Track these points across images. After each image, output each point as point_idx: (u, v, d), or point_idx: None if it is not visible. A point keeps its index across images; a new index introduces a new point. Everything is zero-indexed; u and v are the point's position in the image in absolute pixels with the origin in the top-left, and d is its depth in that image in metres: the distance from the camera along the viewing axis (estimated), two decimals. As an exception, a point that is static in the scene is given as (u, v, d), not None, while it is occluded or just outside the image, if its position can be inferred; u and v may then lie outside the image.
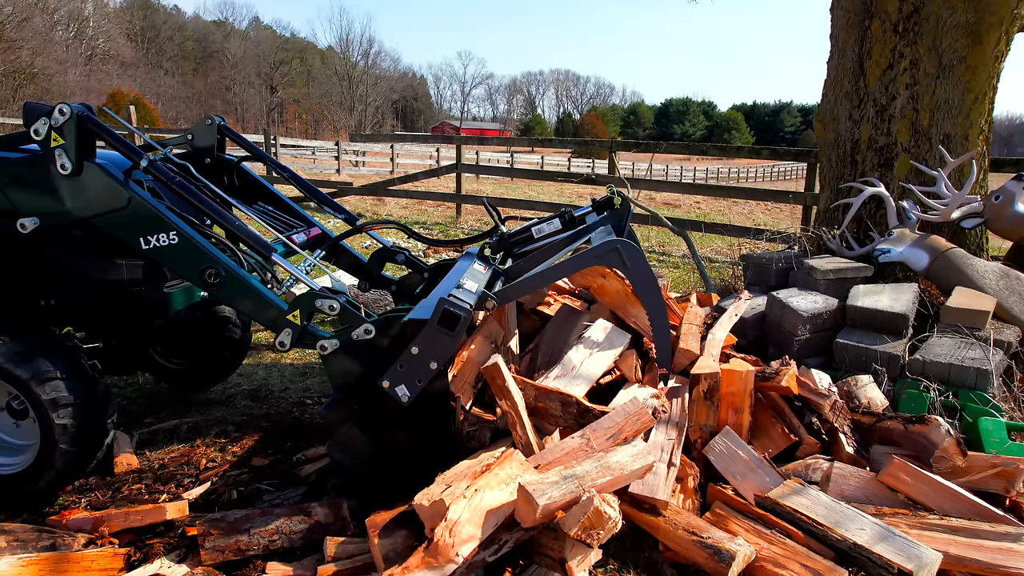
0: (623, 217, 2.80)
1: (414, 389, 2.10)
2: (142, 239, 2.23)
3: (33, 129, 2.17)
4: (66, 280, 2.59)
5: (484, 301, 2.26)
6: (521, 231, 2.88)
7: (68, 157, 2.17)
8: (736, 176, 44.85)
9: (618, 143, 9.64)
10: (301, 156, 22.27)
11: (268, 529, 2.05)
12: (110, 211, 2.24)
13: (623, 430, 2.10)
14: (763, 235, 7.24)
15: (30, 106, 2.72)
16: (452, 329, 2.03)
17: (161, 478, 2.78)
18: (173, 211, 2.28)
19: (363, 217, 11.08)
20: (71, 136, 2.16)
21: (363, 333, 2.18)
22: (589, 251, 2.40)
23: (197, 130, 3.08)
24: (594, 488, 1.74)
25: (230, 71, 65.20)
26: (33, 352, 2.28)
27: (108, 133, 2.21)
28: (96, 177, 2.21)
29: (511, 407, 2.05)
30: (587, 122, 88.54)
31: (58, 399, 2.26)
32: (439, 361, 2.07)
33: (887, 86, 4.25)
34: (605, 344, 2.65)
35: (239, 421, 3.33)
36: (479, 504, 1.69)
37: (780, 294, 3.63)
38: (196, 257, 2.24)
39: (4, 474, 2.38)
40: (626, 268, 2.33)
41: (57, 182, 2.21)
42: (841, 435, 2.59)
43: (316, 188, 3.17)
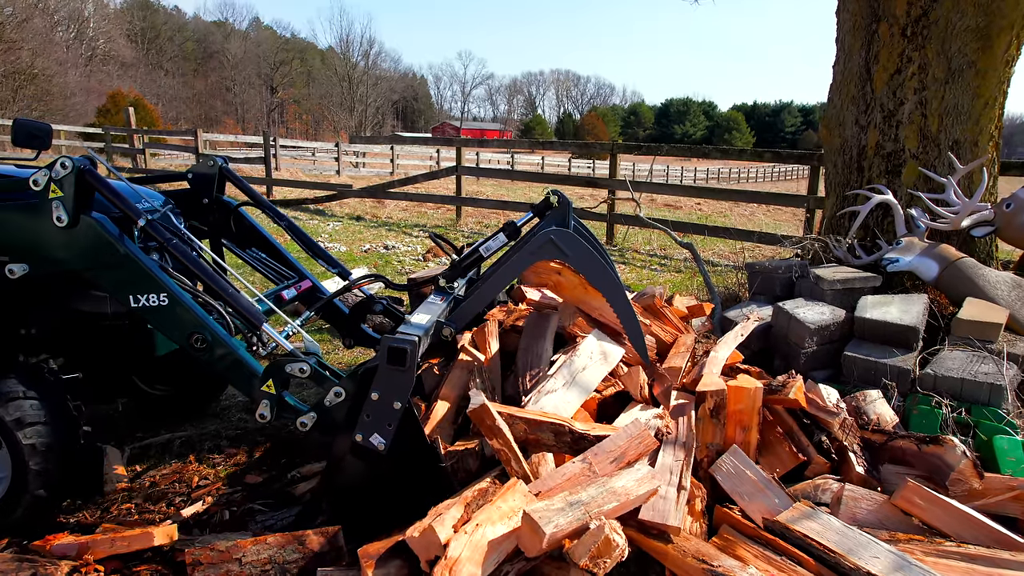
0: (564, 214, 2.79)
1: (387, 434, 2.05)
2: (132, 297, 2.19)
3: (32, 180, 2.14)
4: (48, 312, 2.55)
5: (441, 330, 2.27)
6: (469, 254, 2.85)
7: (65, 210, 2.14)
8: (737, 177, 44.79)
9: (620, 145, 9.56)
10: (301, 157, 22.22)
11: (261, 559, 1.98)
12: (102, 266, 2.21)
13: (626, 453, 2.03)
14: (769, 240, 7.19)
15: (20, 123, 2.66)
16: (403, 365, 1.99)
17: (152, 496, 2.71)
18: (165, 270, 2.24)
19: (362, 220, 11.02)
20: (70, 189, 2.12)
21: (334, 397, 2.13)
22: (526, 247, 2.42)
23: (198, 168, 3.03)
24: (601, 514, 1.67)
25: (230, 72, 65.19)
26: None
27: (107, 188, 2.17)
28: (91, 232, 2.17)
29: (503, 444, 1.98)
30: (587, 122, 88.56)
31: (22, 418, 2.20)
32: (401, 400, 2.02)
33: (895, 91, 4.17)
34: (598, 358, 2.58)
35: (233, 435, 3.26)
36: (479, 540, 1.62)
37: (787, 305, 3.55)
38: (184, 321, 2.20)
39: None
40: (565, 255, 2.37)
41: (51, 233, 2.17)
42: (851, 454, 2.51)
43: (312, 240, 3.10)
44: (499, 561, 1.63)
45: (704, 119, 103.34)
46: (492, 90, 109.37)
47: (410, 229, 10.25)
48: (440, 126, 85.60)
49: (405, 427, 2.05)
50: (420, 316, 2.30)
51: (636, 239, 9.70)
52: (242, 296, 2.24)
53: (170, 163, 18.71)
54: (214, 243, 3.06)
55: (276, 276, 3.00)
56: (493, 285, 2.43)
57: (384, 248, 8.39)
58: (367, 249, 8.31)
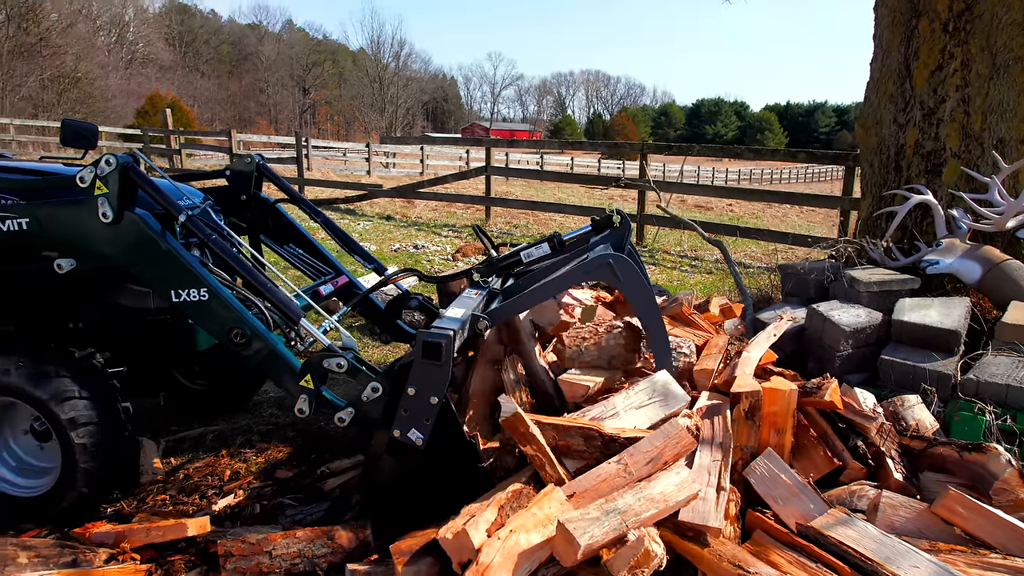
0: (623, 236, 2.75)
1: (425, 429, 2.05)
2: (173, 292, 2.23)
3: (79, 176, 2.19)
4: (94, 307, 2.60)
5: (476, 323, 2.27)
6: (510, 255, 2.84)
7: (110, 206, 2.18)
8: (768, 178, 44.12)
9: (650, 145, 9.47)
10: (332, 158, 22.50)
11: (291, 552, 2.00)
12: (145, 262, 2.25)
13: (663, 454, 2.00)
14: (802, 242, 7.06)
15: (68, 123, 2.73)
16: (438, 359, 1.99)
17: (185, 489, 2.76)
18: (205, 266, 2.27)
19: (392, 220, 11.10)
20: (115, 186, 2.17)
21: (371, 393, 2.14)
22: (582, 266, 2.41)
23: (236, 166, 3.08)
24: (639, 523, 1.65)
25: (264, 73, 66.22)
26: (51, 373, 2.28)
27: (150, 184, 2.21)
28: (135, 227, 2.21)
29: (537, 450, 1.97)
30: (617, 123, 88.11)
31: (77, 418, 2.26)
32: (437, 394, 2.03)
33: (935, 88, 4.06)
34: (658, 400, 2.41)
35: (264, 430, 3.30)
36: (512, 547, 1.61)
37: (821, 307, 3.48)
38: (224, 316, 2.22)
39: (30, 496, 2.39)
40: (619, 281, 2.35)
41: (97, 229, 2.22)
42: (889, 460, 2.45)
43: (348, 236, 3.13)
44: (532, 569, 1.61)
45: (736, 119, 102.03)
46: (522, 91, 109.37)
47: (439, 229, 10.29)
48: (470, 127, 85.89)
49: (443, 423, 2.05)
50: (455, 310, 2.30)
51: (667, 240, 9.61)
52: (280, 291, 2.26)
53: (205, 163, 19.08)
54: (252, 239, 3.10)
55: (313, 272, 3.02)
56: (540, 292, 2.42)
57: (414, 247, 8.44)
58: (397, 248, 8.36)
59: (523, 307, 2.47)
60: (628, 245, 2.79)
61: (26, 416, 2.44)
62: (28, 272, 2.39)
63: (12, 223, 2.28)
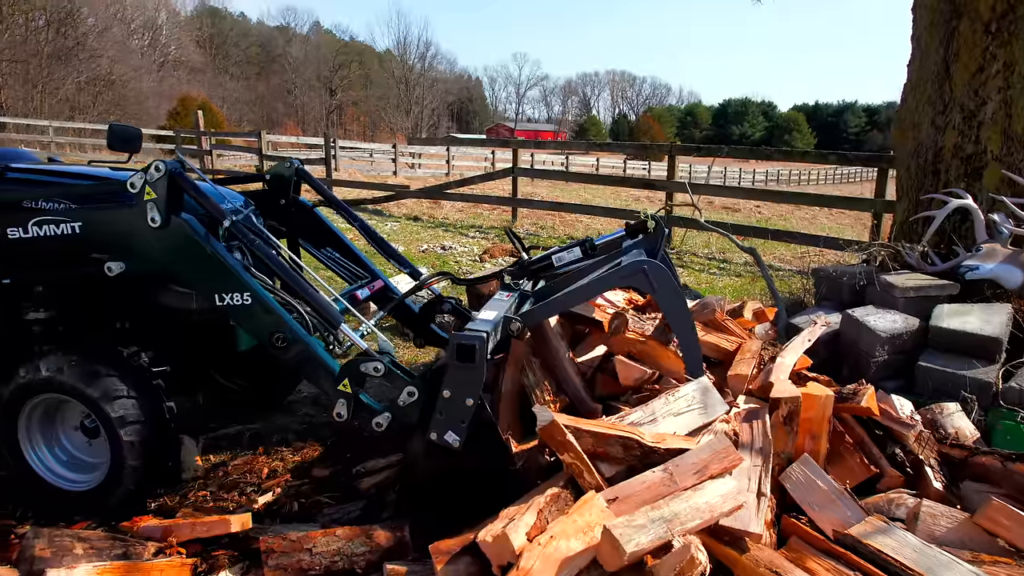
0: (657, 241, 2.74)
1: (461, 431, 2.08)
2: (217, 295, 2.28)
3: (130, 183, 2.25)
4: (141, 307, 2.68)
5: (509, 325, 2.29)
6: (541, 259, 2.86)
7: (158, 211, 2.24)
8: (797, 179, 43.55)
9: (678, 147, 9.43)
10: (359, 158, 22.72)
11: (330, 550, 2.04)
12: (191, 265, 2.31)
13: (708, 467, 1.98)
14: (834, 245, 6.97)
15: (114, 128, 2.81)
16: (472, 361, 2.02)
17: (225, 486, 2.82)
18: (248, 270, 2.33)
19: (420, 220, 11.18)
20: (163, 191, 2.23)
21: (407, 397, 2.18)
22: (616, 271, 2.41)
23: (277, 170, 3.14)
24: (684, 532, 1.65)
25: (291, 75, 67.03)
26: (102, 372, 2.35)
27: (196, 190, 2.28)
28: (181, 232, 2.27)
29: (575, 458, 1.97)
30: (643, 123, 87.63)
31: (125, 416, 2.33)
32: (472, 396, 2.05)
33: (976, 90, 4.00)
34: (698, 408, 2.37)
35: (300, 429, 3.36)
36: (553, 553, 1.62)
37: (856, 312, 3.44)
38: (266, 320, 2.27)
39: (79, 490, 2.47)
40: (653, 290, 2.33)
41: (146, 233, 2.28)
42: (928, 469, 2.42)
43: (385, 241, 3.17)
44: (573, 575, 1.63)
45: (763, 120, 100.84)
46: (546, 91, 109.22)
47: (466, 230, 10.34)
48: (494, 127, 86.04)
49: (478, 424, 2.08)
50: (488, 312, 2.33)
51: (695, 242, 9.55)
52: (321, 297, 2.31)
53: (234, 163, 19.39)
54: (290, 242, 3.16)
55: (349, 276, 3.07)
56: (574, 296, 2.43)
57: (441, 248, 8.50)
58: (425, 249, 8.43)
59: (556, 310, 2.48)
60: (662, 251, 2.78)
61: (77, 413, 2.52)
62: (80, 274, 2.46)
63: (66, 227, 2.36)
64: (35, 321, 2.63)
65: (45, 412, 2.52)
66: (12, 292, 2.55)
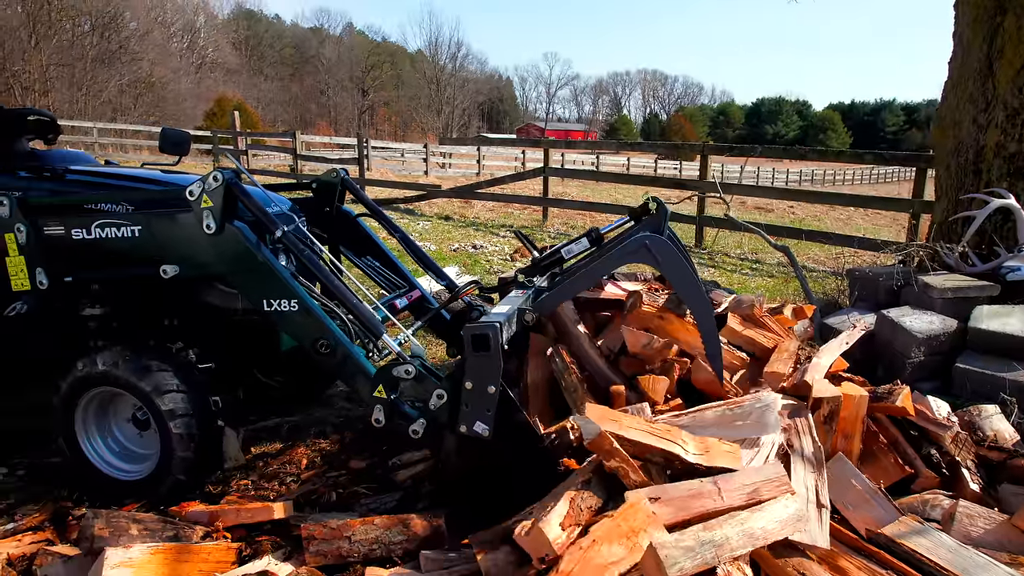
0: (661, 221, 2.79)
1: (489, 420, 2.13)
2: (265, 301, 2.36)
3: (188, 191, 2.35)
4: (190, 306, 2.79)
5: (523, 316, 2.36)
6: (551, 254, 2.89)
7: (214, 218, 2.33)
8: (832, 179, 42.73)
9: (711, 146, 9.36)
10: (391, 158, 22.96)
11: (369, 538, 2.11)
12: (242, 271, 2.39)
13: (759, 491, 1.97)
14: (869, 246, 6.87)
15: (166, 132, 2.92)
16: (488, 349, 2.08)
17: (266, 476, 2.92)
18: (296, 277, 2.40)
19: (451, 220, 11.28)
20: (219, 200, 2.31)
21: (437, 399, 2.22)
22: (620, 249, 2.46)
23: (323, 179, 3.23)
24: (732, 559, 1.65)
25: (324, 75, 67.89)
26: (153, 367, 2.45)
27: (250, 200, 2.36)
28: (234, 239, 2.35)
29: (621, 461, 1.99)
30: (674, 123, 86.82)
31: (175, 410, 2.42)
32: (493, 383, 2.10)
33: (1021, 87, 3.92)
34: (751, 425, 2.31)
35: (337, 422, 3.45)
36: (594, 557, 1.64)
37: (891, 313, 3.41)
38: (312, 327, 2.34)
39: (131, 480, 2.59)
40: (657, 263, 2.37)
41: (201, 239, 2.38)
42: (965, 470, 2.40)
43: (423, 252, 3.23)
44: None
45: (797, 119, 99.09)
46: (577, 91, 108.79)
47: (497, 229, 10.41)
48: (524, 127, 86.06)
49: (504, 411, 2.13)
50: (501, 307, 2.40)
51: (727, 242, 9.48)
52: (364, 306, 2.38)
53: (269, 163, 19.75)
54: (332, 249, 3.23)
55: (388, 285, 3.13)
56: (581, 280, 2.50)
57: (472, 248, 8.57)
58: (456, 248, 8.51)
59: (567, 295, 2.55)
60: (667, 230, 2.80)
61: (129, 406, 2.63)
62: (137, 274, 2.57)
63: (126, 230, 2.48)
64: (92, 317, 2.76)
65: (100, 405, 2.64)
66: (72, 290, 2.67)
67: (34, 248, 2.58)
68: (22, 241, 2.57)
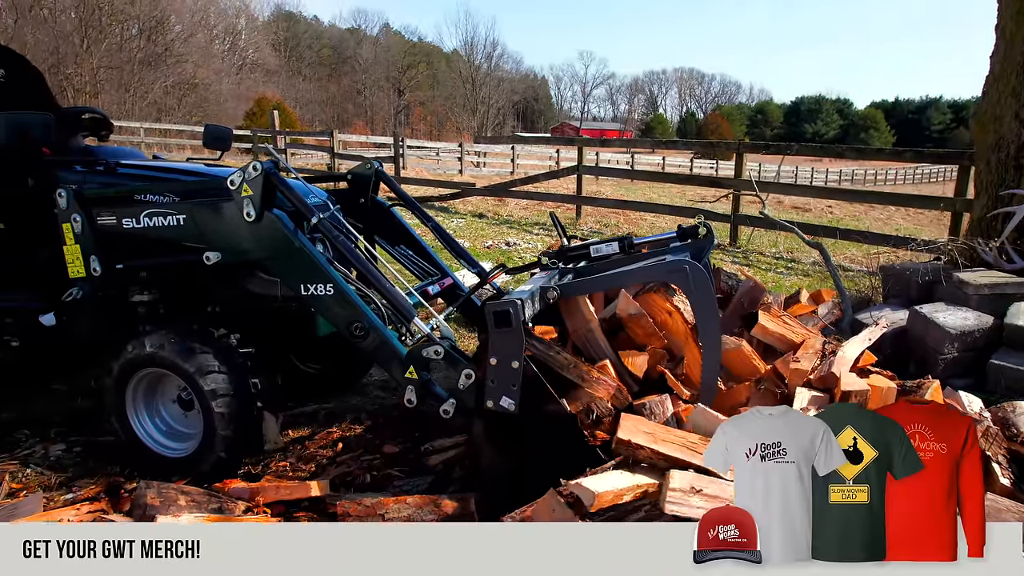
0: (704, 248, 2.75)
1: (514, 395, 2.19)
2: (302, 285, 2.47)
3: (229, 180, 2.47)
4: (231, 293, 2.92)
5: (546, 293, 2.41)
6: (580, 247, 2.92)
7: (253, 206, 2.45)
8: (873, 178, 41.76)
9: (746, 144, 9.30)
10: (426, 157, 23.19)
11: (401, 516, 2.19)
12: (280, 257, 2.51)
13: None
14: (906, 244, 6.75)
15: (209, 129, 3.06)
16: (509, 325, 2.14)
17: (303, 458, 3.04)
18: (331, 263, 2.50)
19: (485, 217, 11.39)
20: (258, 189, 2.43)
21: (465, 380, 2.29)
22: (660, 264, 2.47)
23: (357, 170, 3.34)
24: None
25: (361, 75, 68.78)
26: (197, 349, 2.58)
27: (287, 188, 2.47)
28: (273, 226, 2.47)
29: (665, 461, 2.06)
30: (711, 121, 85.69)
31: (217, 390, 2.54)
32: (517, 358, 2.17)
33: (1063, 82, 3.84)
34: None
35: (372, 409, 3.56)
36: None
37: (924, 309, 3.39)
38: (347, 310, 2.44)
39: (177, 457, 2.73)
40: (689, 291, 2.36)
41: (241, 227, 2.50)
42: (995, 465, 2.38)
43: (455, 241, 3.32)
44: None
45: (838, 117, 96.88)
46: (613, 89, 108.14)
47: (531, 227, 10.48)
48: (559, 126, 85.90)
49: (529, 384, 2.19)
50: (524, 287, 2.46)
51: (761, 241, 9.39)
52: (396, 291, 2.48)
53: (307, 162, 20.12)
54: (367, 238, 3.34)
55: (421, 272, 3.23)
56: (611, 279, 2.54)
57: (506, 245, 8.66)
58: (489, 245, 8.61)
59: (594, 288, 2.59)
60: (706, 258, 2.80)
61: (174, 386, 2.77)
62: (182, 261, 2.71)
63: (172, 219, 2.62)
64: (140, 303, 2.91)
65: (148, 386, 2.78)
66: (123, 276, 2.82)
67: (88, 237, 2.74)
68: (78, 231, 2.73)
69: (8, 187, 3.05)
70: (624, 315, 2.73)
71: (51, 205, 2.76)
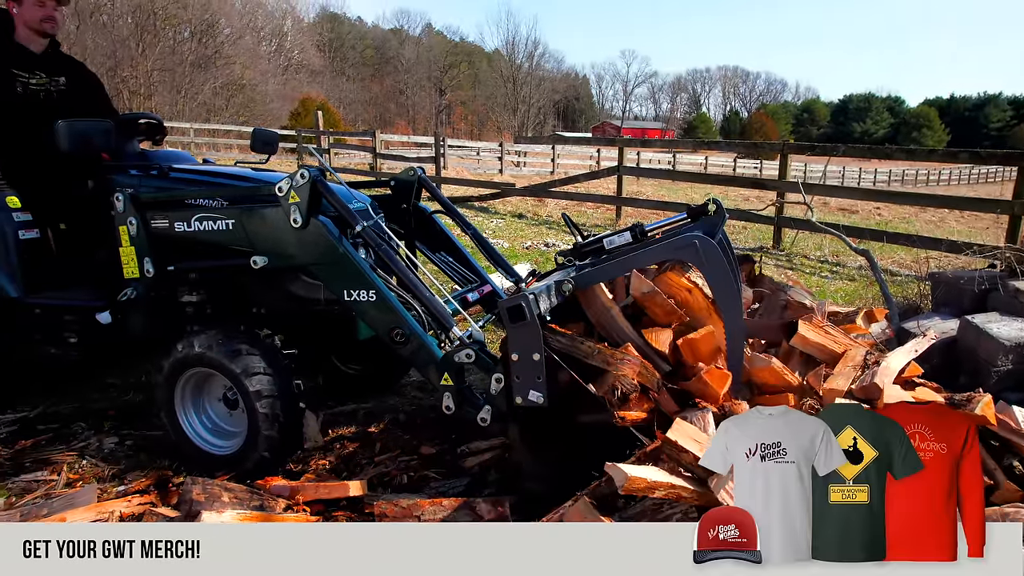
0: (716, 224, 2.72)
1: (541, 387, 2.19)
2: (345, 291, 2.52)
3: (278, 187, 2.54)
4: (276, 295, 2.98)
5: (561, 286, 2.41)
6: (593, 241, 2.91)
7: (300, 212, 2.51)
8: (925, 179, 40.38)
9: (791, 145, 9.09)
10: (466, 156, 23.34)
11: (437, 518, 2.23)
12: (325, 263, 2.57)
13: None
14: (959, 250, 6.53)
15: (257, 132, 3.14)
16: (524, 318, 2.15)
17: (342, 457, 3.09)
18: (374, 270, 2.54)
19: (524, 218, 11.42)
20: (305, 196, 2.49)
21: (496, 384, 2.30)
22: (669, 242, 2.46)
23: (400, 177, 3.39)
24: None
25: (403, 75, 69.57)
26: (243, 350, 2.65)
27: (333, 196, 2.53)
28: (318, 232, 2.53)
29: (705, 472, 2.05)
30: (755, 121, 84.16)
31: (261, 391, 2.60)
32: (537, 350, 2.17)
33: None
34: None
35: (409, 410, 3.61)
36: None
37: (976, 319, 3.28)
38: (387, 316, 2.48)
39: (222, 454, 2.81)
40: (702, 265, 2.36)
41: (288, 232, 2.57)
42: (1050, 483, 2.30)
43: (494, 249, 3.35)
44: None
45: (888, 116, 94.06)
46: (655, 88, 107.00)
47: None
48: (600, 126, 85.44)
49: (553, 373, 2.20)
50: (538, 283, 2.46)
51: (806, 244, 9.19)
52: (436, 299, 2.51)
53: (349, 161, 20.44)
54: (408, 244, 3.37)
55: (461, 280, 3.26)
56: (623, 263, 2.52)
57: (544, 245, 8.66)
58: (528, 246, 8.62)
59: (608, 275, 2.54)
60: (721, 234, 2.78)
61: (220, 386, 2.86)
62: (230, 265, 2.80)
63: (221, 223, 2.71)
64: (190, 304, 3.02)
65: (196, 384, 2.87)
66: (174, 278, 2.93)
67: (143, 239, 2.85)
68: (133, 233, 2.85)
69: (70, 191, 3.19)
70: (638, 295, 2.69)
71: (108, 208, 2.88)
